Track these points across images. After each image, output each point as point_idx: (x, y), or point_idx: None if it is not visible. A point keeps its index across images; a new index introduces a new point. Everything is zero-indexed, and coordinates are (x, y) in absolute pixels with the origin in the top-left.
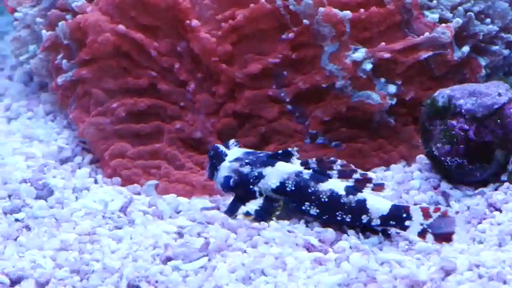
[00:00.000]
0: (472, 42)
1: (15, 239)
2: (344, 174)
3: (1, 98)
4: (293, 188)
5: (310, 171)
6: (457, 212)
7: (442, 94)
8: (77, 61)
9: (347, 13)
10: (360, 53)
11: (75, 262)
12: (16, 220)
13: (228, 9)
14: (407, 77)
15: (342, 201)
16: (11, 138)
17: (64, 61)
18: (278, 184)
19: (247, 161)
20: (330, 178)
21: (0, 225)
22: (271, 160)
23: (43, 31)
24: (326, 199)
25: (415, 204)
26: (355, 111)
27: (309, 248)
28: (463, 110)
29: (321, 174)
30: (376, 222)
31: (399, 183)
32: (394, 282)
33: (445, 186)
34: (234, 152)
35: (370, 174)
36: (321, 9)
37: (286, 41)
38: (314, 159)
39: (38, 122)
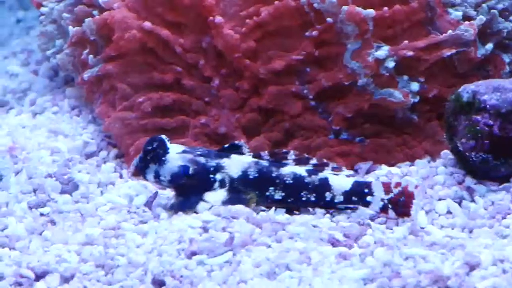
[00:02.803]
0: (496, 39)
1: (40, 234)
2: (300, 162)
3: (26, 92)
4: (256, 175)
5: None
6: (416, 186)
7: (466, 90)
8: (103, 57)
9: (371, 12)
10: (383, 51)
11: (100, 257)
12: (41, 214)
13: (252, 6)
14: (430, 75)
15: (306, 181)
16: (37, 133)
17: (91, 56)
18: (240, 173)
19: (198, 153)
20: (285, 165)
21: (25, 220)
22: (224, 153)
23: (70, 27)
24: (291, 181)
25: (439, 200)
26: (377, 109)
27: (334, 243)
28: (487, 106)
29: (277, 163)
30: (339, 198)
31: (423, 178)
32: (419, 277)
33: (469, 181)
34: (174, 146)
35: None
36: (345, 7)
37: (309, 39)
38: (266, 151)
39: (63, 116)
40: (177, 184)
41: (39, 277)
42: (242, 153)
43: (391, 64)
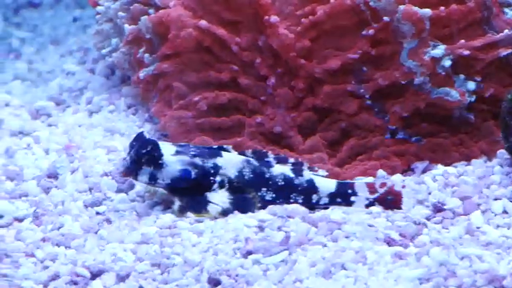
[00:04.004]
0: None
1: (96, 232)
2: (280, 160)
3: (83, 91)
4: (251, 175)
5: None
6: (403, 186)
7: None
8: (159, 55)
9: (427, 11)
10: (439, 50)
11: (155, 256)
12: (97, 213)
13: (308, 5)
14: (486, 74)
15: (295, 182)
16: (93, 132)
17: (146, 55)
18: (236, 173)
19: (192, 153)
20: (272, 165)
21: (81, 218)
22: (216, 151)
23: (126, 25)
24: (283, 183)
25: (495, 199)
26: (434, 108)
27: (390, 242)
28: None
29: (263, 161)
30: (324, 200)
31: (479, 178)
32: (474, 277)
33: None
34: (165, 145)
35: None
36: (401, 6)
37: (366, 37)
38: (249, 150)
39: (120, 115)
40: (176, 188)
41: (94, 275)
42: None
43: (447, 63)
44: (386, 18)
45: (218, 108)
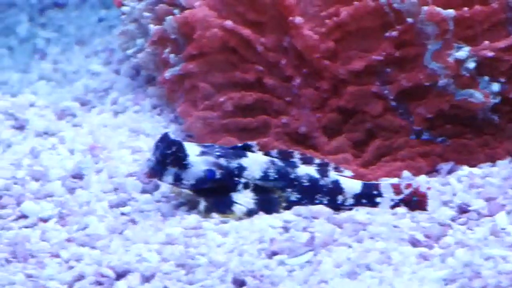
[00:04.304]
0: None
1: (121, 233)
2: (306, 161)
3: (108, 91)
4: (276, 176)
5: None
6: (428, 188)
7: None
8: (184, 56)
9: (451, 12)
10: (463, 52)
11: (180, 256)
12: (122, 214)
13: (332, 6)
14: (511, 76)
15: (320, 183)
16: (118, 132)
17: (172, 55)
18: (261, 174)
19: (217, 153)
20: (297, 165)
21: (106, 219)
22: (241, 151)
23: (151, 26)
24: (308, 183)
25: None
26: (458, 109)
27: (415, 243)
28: None
29: (288, 162)
30: (350, 201)
31: (504, 179)
32: (499, 277)
33: None
34: (190, 147)
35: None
36: (425, 7)
37: (389, 39)
38: (275, 150)
39: (145, 115)
40: (201, 188)
41: (119, 276)
42: (253, 152)
43: (471, 64)
44: (409, 20)
45: (244, 109)
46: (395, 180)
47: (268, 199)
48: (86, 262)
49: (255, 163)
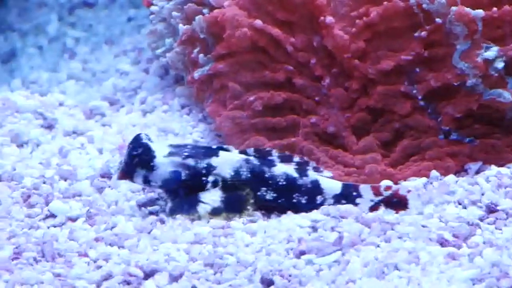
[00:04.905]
0: None
1: (149, 232)
2: (284, 159)
3: (137, 91)
4: (248, 175)
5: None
6: (409, 191)
7: None
8: (213, 55)
9: (480, 12)
10: (492, 52)
11: (209, 256)
12: (150, 213)
13: (362, 6)
14: None
15: (298, 183)
16: (147, 131)
17: (201, 55)
18: (232, 173)
19: (186, 154)
20: (274, 164)
21: (134, 218)
22: (212, 150)
23: (180, 25)
24: (284, 182)
25: None
26: (487, 109)
27: (443, 243)
28: None
29: (265, 160)
30: (329, 201)
31: None
32: None
33: None
34: (158, 146)
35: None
36: (454, 8)
37: (418, 39)
38: (251, 148)
39: (173, 115)
40: (169, 189)
41: (147, 275)
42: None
43: (500, 64)
44: (438, 20)
45: (273, 108)
46: (423, 180)
47: (235, 197)
48: (114, 262)
49: (226, 162)
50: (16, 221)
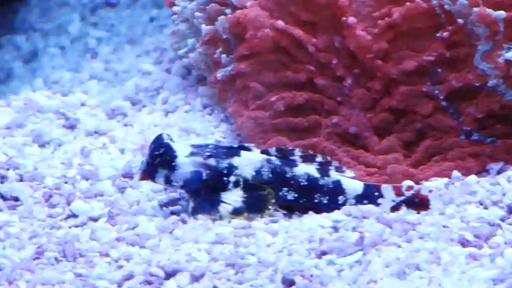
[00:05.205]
0: None
1: (171, 232)
2: (307, 159)
3: (159, 91)
4: (270, 175)
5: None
6: (430, 191)
7: None
8: (236, 56)
9: (501, 13)
10: None
11: (230, 256)
12: (172, 213)
13: (385, 7)
14: None
15: (320, 183)
16: (169, 131)
17: (224, 55)
18: (253, 173)
19: (207, 154)
20: (296, 164)
21: (156, 218)
22: (234, 151)
23: (203, 25)
24: (306, 183)
25: None
26: (508, 110)
27: (464, 243)
28: None
29: (286, 160)
30: (351, 202)
31: None
32: None
33: None
34: (180, 146)
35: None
36: (475, 9)
37: (440, 40)
38: (273, 148)
39: (195, 115)
40: (190, 189)
41: (169, 275)
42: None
43: None
44: (460, 21)
45: (295, 109)
46: (445, 181)
47: (256, 196)
48: (135, 262)
49: (248, 162)
50: (38, 221)
